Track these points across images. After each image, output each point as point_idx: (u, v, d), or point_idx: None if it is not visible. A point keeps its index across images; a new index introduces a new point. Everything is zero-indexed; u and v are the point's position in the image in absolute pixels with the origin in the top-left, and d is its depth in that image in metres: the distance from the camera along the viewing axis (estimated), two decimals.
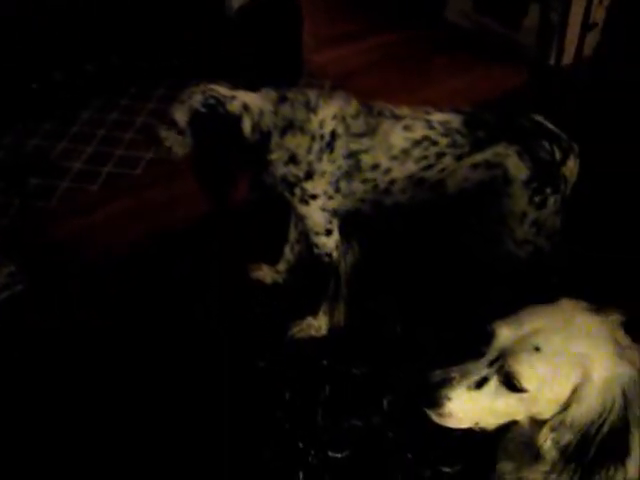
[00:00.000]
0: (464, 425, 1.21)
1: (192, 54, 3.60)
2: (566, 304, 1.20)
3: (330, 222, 2.09)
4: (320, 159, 1.98)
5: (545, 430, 1.15)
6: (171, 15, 3.49)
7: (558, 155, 1.99)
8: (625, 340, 1.15)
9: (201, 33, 3.58)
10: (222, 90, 1.95)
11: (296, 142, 1.97)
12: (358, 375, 2.16)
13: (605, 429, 1.09)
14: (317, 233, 2.11)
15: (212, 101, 1.92)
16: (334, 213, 2.09)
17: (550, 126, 2.04)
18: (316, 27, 3.85)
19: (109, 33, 3.40)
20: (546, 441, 1.14)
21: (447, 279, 2.44)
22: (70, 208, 2.85)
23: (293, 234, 2.38)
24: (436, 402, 1.18)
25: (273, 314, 2.35)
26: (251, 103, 1.96)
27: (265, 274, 2.47)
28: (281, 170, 2.01)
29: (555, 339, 1.13)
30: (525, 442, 1.28)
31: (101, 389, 2.12)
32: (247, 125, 1.95)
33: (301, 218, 2.12)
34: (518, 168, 1.98)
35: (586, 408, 1.10)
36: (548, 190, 2.01)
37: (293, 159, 1.99)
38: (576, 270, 2.23)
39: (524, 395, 1.14)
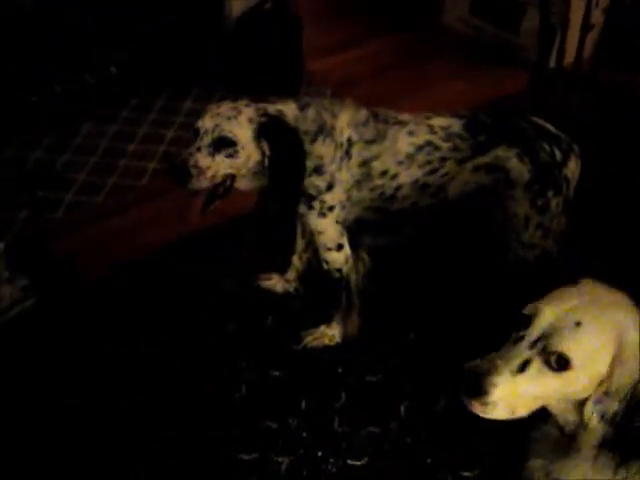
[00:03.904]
0: (502, 415, 1.18)
1: (192, 65, 3.61)
2: (587, 283, 1.25)
3: (342, 235, 2.07)
4: (340, 168, 1.96)
5: (589, 406, 1.16)
6: (170, 26, 3.49)
7: (559, 156, 2.00)
8: None
9: (200, 43, 3.58)
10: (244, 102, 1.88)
11: (325, 150, 1.92)
12: (374, 382, 2.18)
13: None
14: (329, 249, 2.09)
15: (264, 112, 1.85)
16: (343, 225, 2.07)
17: (550, 127, 2.05)
18: (315, 34, 3.85)
19: (108, 44, 3.41)
20: (591, 416, 1.15)
21: (458, 285, 2.44)
22: (76, 220, 2.85)
23: (300, 244, 2.38)
24: (482, 390, 1.15)
25: (286, 323, 2.36)
26: (284, 111, 1.91)
27: (275, 283, 2.47)
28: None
29: (591, 312, 1.16)
30: (554, 439, 1.30)
31: (113, 404, 2.12)
32: None
33: (313, 232, 2.09)
34: (519, 171, 1.99)
35: (627, 372, 1.13)
36: (550, 193, 2.01)
37: (318, 169, 1.94)
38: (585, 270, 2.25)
39: (566, 374, 1.15)
